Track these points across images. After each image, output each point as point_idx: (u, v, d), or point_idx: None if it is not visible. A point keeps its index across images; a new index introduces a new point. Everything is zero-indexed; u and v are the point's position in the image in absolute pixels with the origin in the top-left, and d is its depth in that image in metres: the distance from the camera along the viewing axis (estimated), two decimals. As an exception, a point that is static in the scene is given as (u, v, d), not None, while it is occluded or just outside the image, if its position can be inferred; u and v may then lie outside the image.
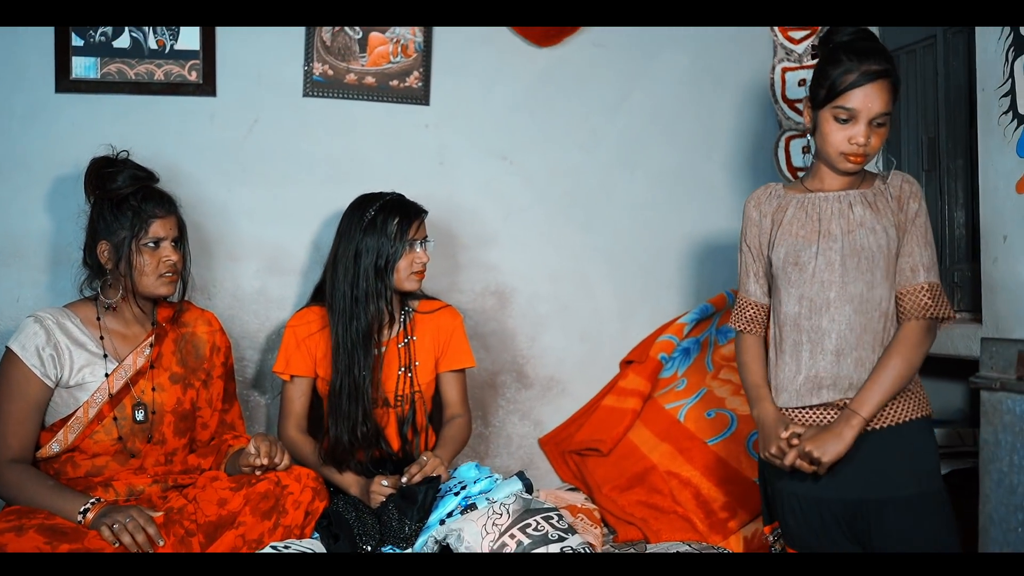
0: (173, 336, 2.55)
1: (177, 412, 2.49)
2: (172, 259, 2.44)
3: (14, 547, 2.00)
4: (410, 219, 2.67)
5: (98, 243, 2.42)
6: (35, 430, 2.38)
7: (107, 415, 2.39)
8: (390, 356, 2.75)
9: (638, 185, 3.31)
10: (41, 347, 2.36)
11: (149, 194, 2.42)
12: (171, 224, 2.44)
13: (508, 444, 3.19)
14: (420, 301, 2.83)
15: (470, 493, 2.47)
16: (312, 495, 2.39)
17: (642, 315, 3.32)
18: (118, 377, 2.42)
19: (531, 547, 2.24)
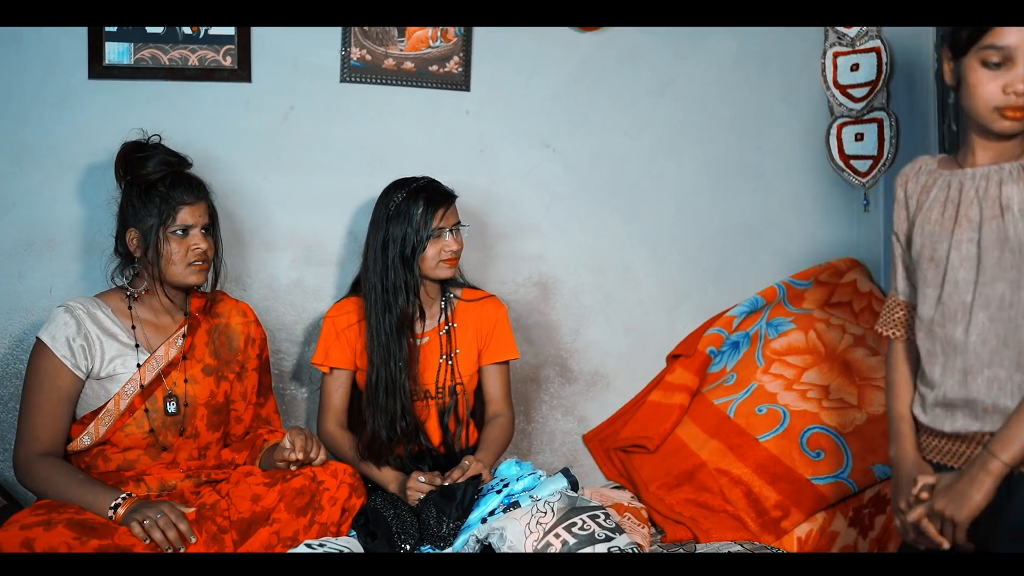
0: (206, 327, 2.48)
1: (210, 405, 2.42)
2: (201, 247, 2.35)
3: (43, 541, 1.93)
4: (435, 205, 2.57)
5: (127, 231, 2.35)
6: (66, 423, 2.31)
7: (138, 407, 2.32)
8: (431, 346, 2.68)
9: (684, 172, 3.20)
10: (71, 337, 2.29)
11: (178, 180, 2.34)
12: (201, 211, 2.36)
13: (551, 441, 3.10)
14: (463, 290, 2.75)
15: (513, 491, 2.39)
16: (349, 491, 2.31)
17: (689, 307, 3.22)
18: (149, 368, 2.35)
19: (577, 547, 2.14)
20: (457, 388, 2.67)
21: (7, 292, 2.73)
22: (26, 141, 2.74)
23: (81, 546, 1.96)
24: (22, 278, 2.74)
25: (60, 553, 1.94)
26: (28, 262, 2.74)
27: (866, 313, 3.09)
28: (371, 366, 2.58)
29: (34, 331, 2.59)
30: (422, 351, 2.67)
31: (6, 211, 2.73)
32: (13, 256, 2.73)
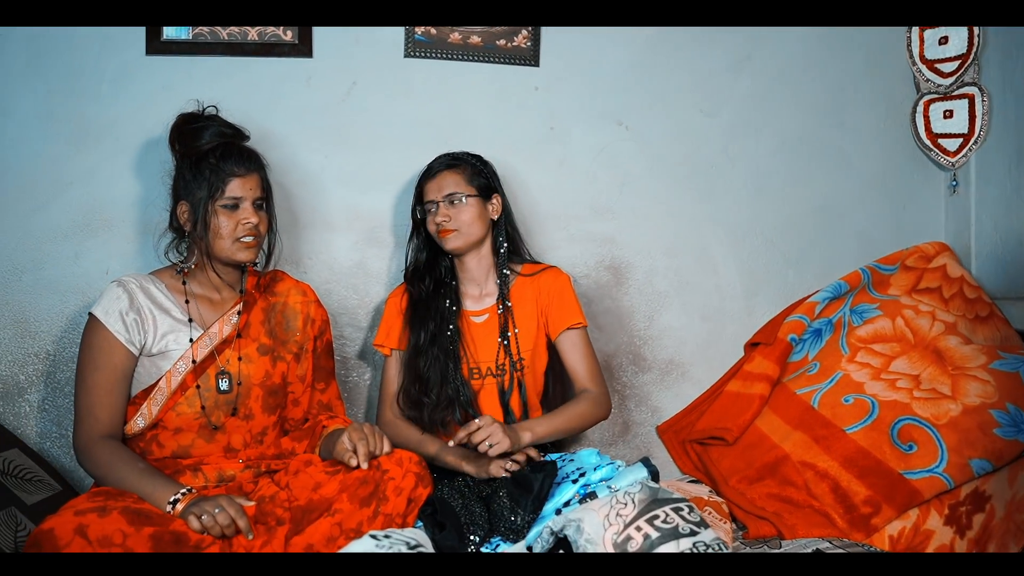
0: (263, 305, 2.38)
1: (265, 386, 2.32)
2: (252, 221, 2.25)
3: (96, 528, 1.83)
4: (422, 180, 2.57)
5: (178, 204, 2.29)
6: (123, 402, 2.22)
7: (190, 385, 2.23)
8: (489, 324, 2.56)
9: (762, 151, 3.06)
10: (124, 311, 2.21)
11: (229, 151, 2.25)
12: (253, 184, 2.27)
13: (624, 432, 2.96)
14: (524, 265, 2.62)
15: (589, 480, 2.24)
16: (415, 481, 2.17)
17: (768, 293, 3.07)
18: (203, 345, 2.26)
19: (660, 541, 2.00)
20: (517, 365, 2.52)
21: (63, 274, 2.65)
22: (83, 119, 2.66)
23: (136, 533, 1.86)
24: (78, 259, 2.65)
25: (111, 553, 1.84)
26: (85, 243, 2.66)
27: (957, 300, 2.92)
28: (416, 343, 2.53)
29: (90, 314, 2.51)
30: (479, 329, 2.56)
31: (63, 190, 2.65)
32: (69, 237, 2.65)
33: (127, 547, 1.84)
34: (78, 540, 1.81)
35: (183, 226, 2.29)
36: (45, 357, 2.64)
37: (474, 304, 2.58)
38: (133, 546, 1.84)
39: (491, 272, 2.59)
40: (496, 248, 2.58)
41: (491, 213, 2.55)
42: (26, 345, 2.64)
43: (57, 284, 2.64)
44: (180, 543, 1.92)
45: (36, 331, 2.64)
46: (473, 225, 2.51)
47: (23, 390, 2.64)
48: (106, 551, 1.80)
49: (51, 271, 2.64)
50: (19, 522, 2.15)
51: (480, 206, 2.52)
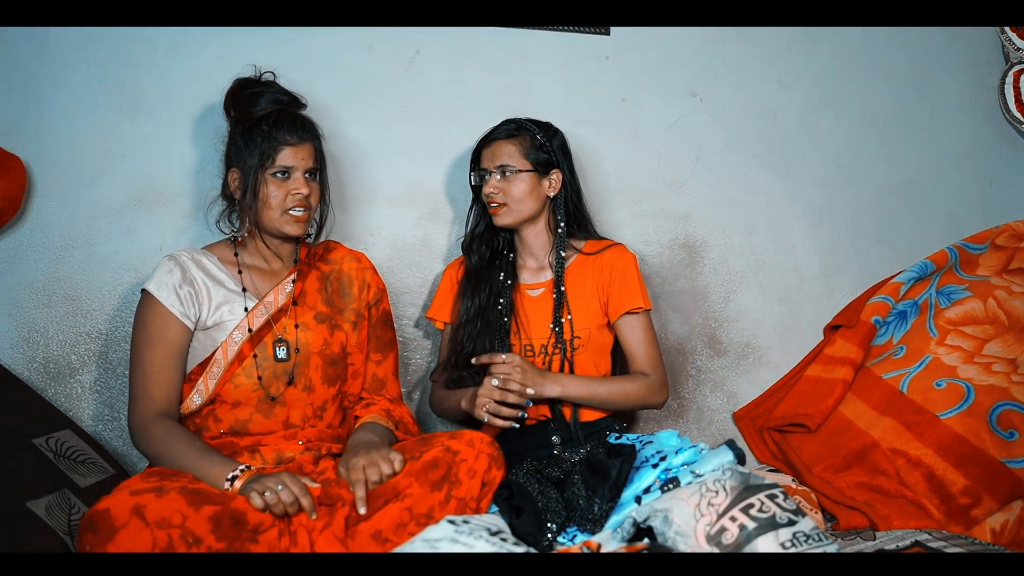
0: (317, 274, 2.31)
1: (325, 355, 2.23)
2: (302, 192, 2.17)
3: (154, 509, 1.74)
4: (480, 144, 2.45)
5: (229, 171, 2.23)
6: (179, 379, 2.14)
7: (247, 355, 2.15)
8: (544, 300, 2.42)
9: (843, 126, 2.91)
10: (177, 285, 2.14)
11: (283, 119, 2.17)
12: (305, 153, 2.18)
13: (699, 418, 2.81)
14: (587, 242, 2.47)
15: (671, 465, 2.10)
16: (488, 462, 2.03)
17: (848, 274, 2.92)
18: (258, 314, 2.18)
19: (757, 532, 1.85)
20: (572, 344, 2.38)
21: (116, 249, 2.54)
22: (137, 90, 2.55)
23: (195, 514, 1.76)
24: (131, 234, 2.55)
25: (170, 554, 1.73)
26: (138, 218, 2.55)
27: (1051, 281, 2.77)
28: (462, 315, 2.43)
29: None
30: (535, 304, 2.43)
31: (116, 163, 2.54)
32: (123, 211, 2.54)
33: (186, 528, 1.74)
34: (135, 521, 1.71)
35: (233, 194, 2.23)
36: (97, 336, 2.54)
37: (531, 277, 2.45)
38: (192, 527, 1.75)
39: (550, 246, 2.45)
40: (555, 225, 2.43)
41: (547, 189, 2.41)
42: (78, 324, 2.53)
43: (110, 260, 2.54)
44: (239, 524, 1.81)
45: (88, 309, 2.53)
46: (524, 202, 2.37)
47: (75, 370, 2.53)
48: (164, 532, 1.72)
49: (104, 247, 2.54)
50: (72, 505, 2.05)
51: (534, 181, 2.38)
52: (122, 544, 1.69)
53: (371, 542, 1.91)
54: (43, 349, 2.52)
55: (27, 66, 2.49)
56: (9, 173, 2.40)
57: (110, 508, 1.73)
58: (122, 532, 1.70)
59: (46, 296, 2.52)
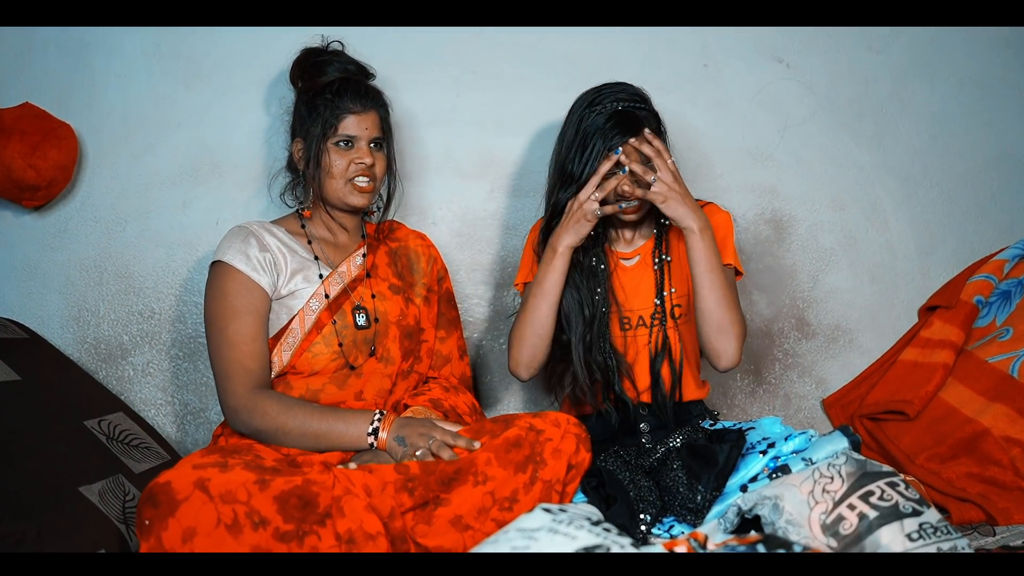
0: (385, 249, 2.21)
1: (402, 325, 2.13)
2: (365, 161, 2.06)
3: (218, 482, 1.60)
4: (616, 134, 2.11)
5: (294, 141, 2.14)
6: (267, 348, 2.02)
7: (326, 323, 2.04)
8: (638, 269, 2.23)
9: (939, 93, 2.72)
10: (255, 253, 2.02)
11: (346, 86, 2.08)
12: (370, 122, 2.08)
13: (786, 405, 2.64)
14: None
15: (780, 452, 1.92)
16: (575, 443, 1.87)
17: (945, 251, 2.73)
18: (334, 282, 2.09)
19: (879, 522, 1.67)
20: (675, 312, 2.19)
21: (170, 224, 2.41)
22: (193, 55, 2.42)
23: (261, 491, 1.62)
24: (187, 208, 2.41)
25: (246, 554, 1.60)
26: (194, 190, 2.42)
27: None
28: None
29: (200, 268, 2.29)
30: (628, 273, 2.22)
31: (170, 132, 2.41)
32: (177, 183, 2.41)
33: (251, 506, 1.61)
34: (198, 494, 1.59)
35: (297, 164, 2.13)
36: (151, 316, 2.40)
37: (625, 246, 2.25)
38: (258, 507, 1.61)
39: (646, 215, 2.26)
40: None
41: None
42: (130, 303, 2.40)
43: (164, 236, 2.41)
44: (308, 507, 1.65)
45: (141, 287, 2.40)
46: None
47: (127, 352, 2.39)
48: (228, 507, 1.59)
49: (157, 221, 2.41)
50: (127, 491, 1.93)
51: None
52: (184, 519, 1.56)
53: (451, 528, 1.76)
54: (94, 329, 2.39)
55: (79, 31, 2.36)
56: (60, 141, 2.27)
57: (172, 481, 1.60)
58: (184, 506, 1.57)
59: (97, 273, 2.39)
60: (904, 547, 1.63)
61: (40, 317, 2.36)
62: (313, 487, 1.67)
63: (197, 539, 1.56)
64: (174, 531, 1.56)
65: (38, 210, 2.37)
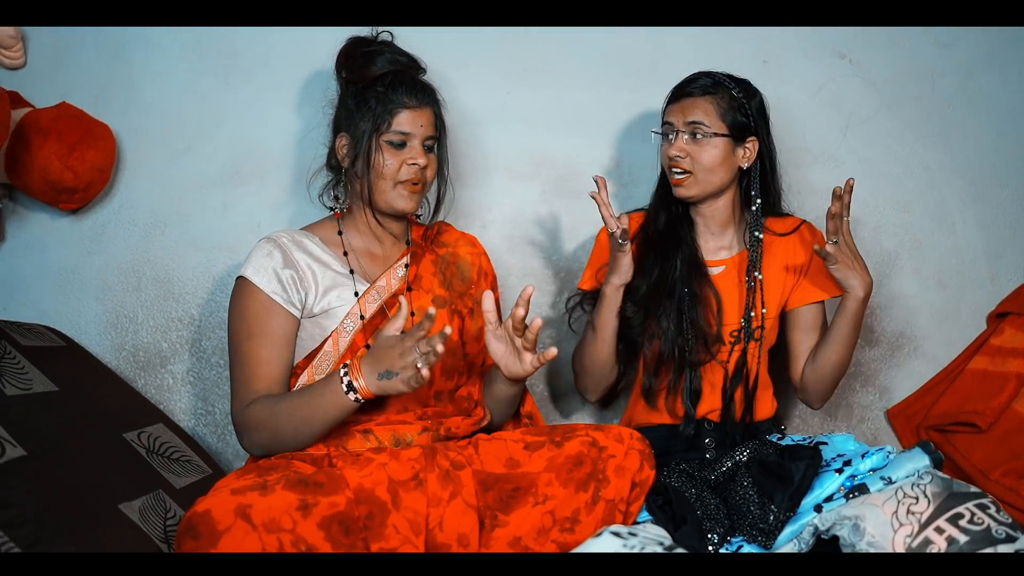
0: (431, 257, 2.08)
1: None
2: (419, 163, 1.93)
3: (260, 508, 1.52)
4: (667, 102, 2.11)
5: (338, 136, 2.00)
6: (285, 371, 1.91)
7: (360, 345, 1.93)
8: (723, 279, 2.14)
9: (1009, 89, 2.60)
10: (279, 268, 1.91)
11: (400, 79, 1.95)
12: (424, 119, 1.95)
13: (848, 416, 2.54)
14: (769, 218, 2.17)
15: (857, 471, 1.84)
16: (639, 460, 1.79)
17: (1015, 255, 2.62)
18: (370, 299, 1.96)
19: (970, 547, 1.59)
20: (756, 334, 2.11)
21: (210, 227, 2.34)
22: (233, 52, 2.35)
23: (304, 518, 1.54)
24: (227, 210, 2.35)
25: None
26: (234, 192, 2.35)
27: None
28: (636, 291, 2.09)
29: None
30: (714, 281, 2.13)
31: (211, 132, 2.34)
32: (218, 185, 2.34)
33: (297, 535, 1.52)
34: (240, 523, 1.50)
35: (341, 162, 2.01)
36: (190, 322, 2.34)
37: (709, 254, 2.16)
38: (304, 534, 1.53)
39: (731, 224, 2.17)
40: (743, 200, 2.15)
41: (740, 160, 2.10)
42: (169, 308, 2.33)
43: (203, 239, 2.34)
44: (351, 532, 1.58)
45: (180, 293, 2.33)
46: (714, 172, 2.06)
47: (166, 360, 2.33)
48: (273, 536, 1.51)
49: (197, 224, 2.34)
50: (168, 508, 1.86)
51: (728, 148, 2.06)
52: (227, 551, 1.48)
53: (508, 550, 1.68)
54: (132, 336, 2.32)
55: (117, 28, 2.29)
56: (98, 142, 2.20)
57: (211, 510, 1.51)
58: (226, 536, 1.49)
59: (135, 278, 2.32)
60: (1000, 576, 1.53)
61: (77, 324, 2.30)
62: (356, 511, 1.59)
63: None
64: (217, 565, 1.48)
65: (75, 213, 2.30)
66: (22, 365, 1.94)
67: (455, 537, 1.64)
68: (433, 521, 1.64)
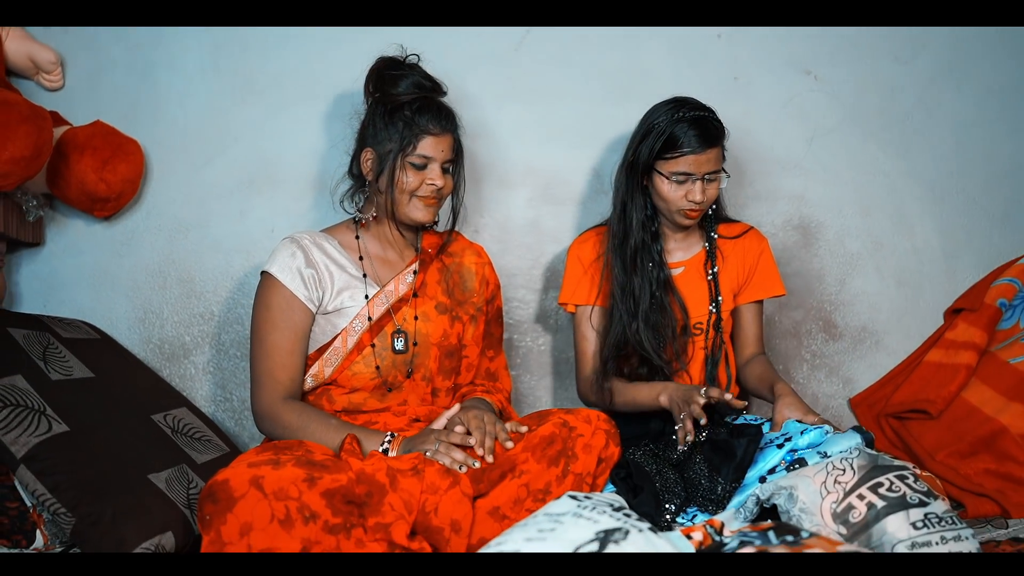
0: (438, 265, 2.27)
1: (443, 346, 2.20)
2: (436, 184, 2.13)
3: (271, 480, 1.72)
4: (679, 146, 2.23)
5: (363, 150, 2.17)
6: (302, 362, 2.12)
7: (366, 344, 2.13)
8: (686, 278, 2.38)
9: (965, 101, 2.79)
10: (301, 268, 2.10)
11: (426, 106, 2.13)
12: (445, 145, 2.13)
13: (813, 404, 2.73)
14: (720, 224, 2.41)
15: (797, 446, 2.04)
16: (605, 439, 2.00)
17: (970, 256, 2.80)
18: (379, 303, 2.15)
19: (886, 511, 1.78)
20: (720, 326, 2.35)
21: (228, 232, 2.57)
22: (249, 72, 2.58)
23: (310, 488, 1.74)
24: (243, 217, 2.57)
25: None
26: (249, 200, 2.57)
27: None
28: (613, 298, 2.32)
29: (255, 273, 2.42)
30: (678, 280, 2.37)
31: (228, 147, 2.57)
32: (235, 193, 2.57)
33: (302, 502, 1.72)
34: (253, 492, 1.70)
35: (365, 175, 2.18)
36: (210, 318, 2.56)
37: (668, 257, 2.39)
38: (308, 502, 1.73)
39: (694, 231, 2.40)
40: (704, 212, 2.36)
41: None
42: (192, 305, 2.56)
43: (222, 243, 2.57)
44: (349, 503, 1.79)
45: (202, 291, 2.56)
46: (714, 196, 2.29)
47: (188, 352, 2.56)
48: (281, 504, 1.70)
49: (216, 229, 2.57)
50: (191, 479, 2.08)
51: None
52: (241, 515, 1.69)
53: (488, 519, 1.89)
54: (158, 330, 2.55)
55: (145, 53, 2.54)
56: (128, 156, 2.43)
57: (230, 479, 1.72)
58: (241, 502, 1.70)
59: (161, 278, 2.55)
60: (909, 535, 1.74)
61: (109, 319, 2.53)
62: (355, 488, 1.80)
63: (253, 533, 1.69)
64: (232, 525, 1.69)
65: (107, 220, 2.54)
66: (63, 354, 2.18)
67: (448, 522, 1.83)
68: (429, 506, 1.83)
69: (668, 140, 2.20)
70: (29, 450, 1.86)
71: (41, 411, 1.94)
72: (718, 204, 2.38)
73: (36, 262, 2.54)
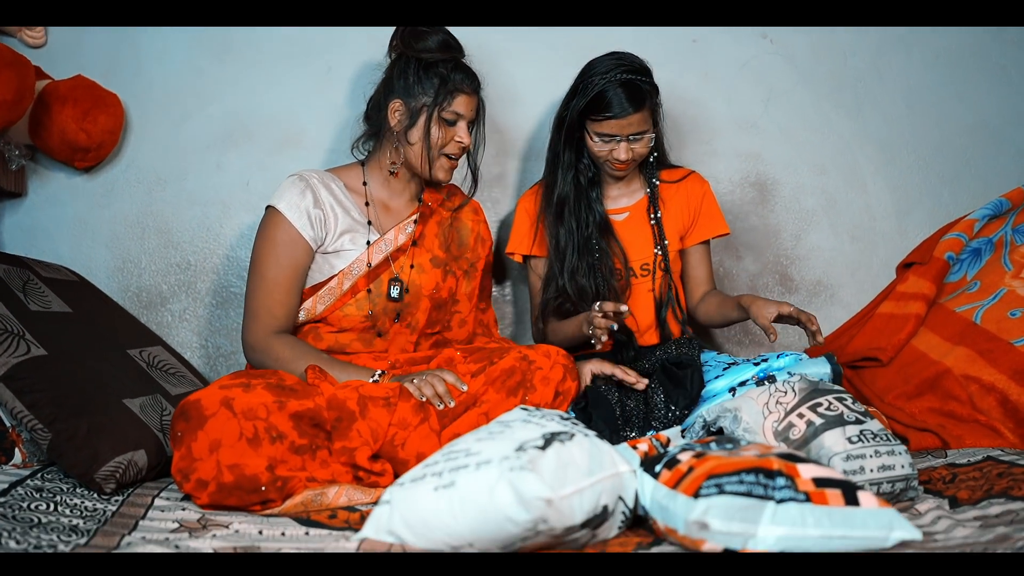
0: (437, 219, 2.36)
1: (434, 298, 2.29)
2: (464, 142, 2.22)
3: (241, 401, 1.82)
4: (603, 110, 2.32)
5: (391, 101, 2.21)
6: (299, 299, 2.20)
7: (361, 289, 2.21)
8: (630, 224, 2.49)
9: (915, 65, 2.91)
10: (309, 208, 2.17)
11: (460, 66, 2.22)
12: (474, 105, 2.23)
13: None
14: (662, 171, 2.52)
15: (771, 367, 2.17)
16: (563, 372, 2.10)
17: (920, 213, 2.91)
18: (378, 250, 2.24)
19: (824, 428, 1.88)
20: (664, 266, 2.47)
21: (205, 184, 2.66)
22: (227, 33, 2.66)
23: (279, 410, 1.84)
24: (220, 169, 2.66)
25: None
26: (226, 154, 2.67)
27: None
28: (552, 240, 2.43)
29: (232, 225, 2.54)
30: (621, 227, 2.48)
31: (207, 103, 2.67)
32: (211, 148, 2.67)
33: (270, 422, 1.83)
34: (224, 411, 1.81)
35: (392, 126, 2.23)
36: (187, 267, 2.65)
37: (612, 203, 2.50)
38: (276, 423, 1.83)
39: (635, 178, 2.51)
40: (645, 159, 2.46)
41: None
42: (168, 255, 2.65)
43: (199, 195, 2.66)
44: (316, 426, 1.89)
45: (179, 242, 2.65)
46: (644, 153, 2.38)
47: (165, 300, 2.65)
48: (250, 423, 1.80)
49: (193, 182, 2.66)
50: (164, 407, 2.15)
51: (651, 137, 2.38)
52: (211, 432, 1.79)
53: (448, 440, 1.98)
54: (136, 279, 2.64)
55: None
56: (108, 108, 2.52)
57: (201, 399, 1.83)
58: (211, 421, 1.80)
59: (140, 229, 2.64)
60: (844, 448, 1.84)
61: (89, 268, 2.62)
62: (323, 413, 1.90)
63: (222, 449, 1.79)
64: (202, 442, 1.79)
65: (88, 172, 2.62)
66: (43, 289, 2.26)
67: (415, 455, 1.92)
68: (398, 440, 1.93)
69: (595, 101, 2.30)
70: (8, 370, 1.94)
71: (20, 335, 2.02)
72: (660, 151, 2.49)
73: (18, 213, 2.62)
